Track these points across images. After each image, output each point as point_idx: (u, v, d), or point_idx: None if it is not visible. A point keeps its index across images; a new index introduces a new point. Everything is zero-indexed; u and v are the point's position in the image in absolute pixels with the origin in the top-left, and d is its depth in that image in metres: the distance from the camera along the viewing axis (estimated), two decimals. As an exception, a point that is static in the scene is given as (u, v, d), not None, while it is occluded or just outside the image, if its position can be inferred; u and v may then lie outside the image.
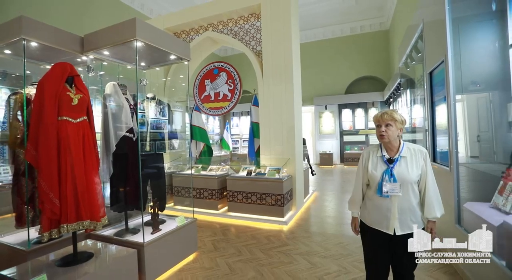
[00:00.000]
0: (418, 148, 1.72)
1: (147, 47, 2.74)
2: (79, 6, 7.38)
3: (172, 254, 2.87)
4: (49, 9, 6.49)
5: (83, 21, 7.30)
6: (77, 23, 7.13)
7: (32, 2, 6.15)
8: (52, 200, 2.00)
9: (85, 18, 7.41)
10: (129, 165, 2.78)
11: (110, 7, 8.29)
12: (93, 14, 7.67)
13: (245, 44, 5.35)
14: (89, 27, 7.03)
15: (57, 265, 2.20)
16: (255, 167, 4.69)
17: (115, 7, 8.46)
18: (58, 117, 2.09)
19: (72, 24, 6.73)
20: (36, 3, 6.22)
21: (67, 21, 6.76)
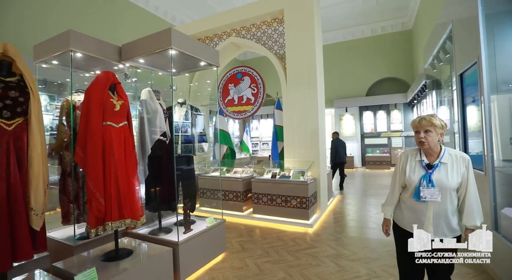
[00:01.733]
0: (461, 155, 1.68)
1: (180, 55, 2.88)
2: (107, 14, 7.79)
3: (203, 254, 2.97)
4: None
5: (110, 29, 7.70)
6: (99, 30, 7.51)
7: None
8: (98, 199, 2.15)
9: (112, 26, 7.81)
10: (163, 167, 2.92)
11: (136, 15, 8.68)
12: (120, 22, 8.07)
13: (268, 49, 5.44)
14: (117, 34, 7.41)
15: (101, 260, 2.35)
16: (279, 170, 4.74)
17: (140, 15, 8.85)
18: (103, 122, 2.24)
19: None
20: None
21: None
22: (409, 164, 1.78)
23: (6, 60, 1.77)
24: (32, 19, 6.00)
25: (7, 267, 1.63)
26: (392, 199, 1.90)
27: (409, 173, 1.75)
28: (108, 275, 2.10)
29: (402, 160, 1.85)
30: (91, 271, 2.00)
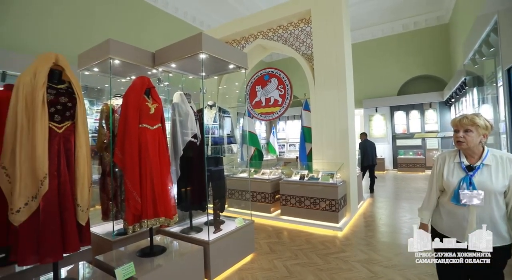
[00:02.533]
0: (508, 156, 1.55)
1: (210, 58, 2.96)
2: (140, 22, 8.22)
3: (233, 254, 3.01)
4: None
5: (143, 36, 8.10)
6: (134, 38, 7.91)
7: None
8: (135, 197, 2.27)
9: (145, 33, 8.22)
10: (194, 168, 3.02)
11: (166, 22, 9.07)
12: (151, 29, 8.47)
13: (295, 50, 5.41)
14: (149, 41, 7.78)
15: (138, 256, 2.48)
16: (307, 172, 4.68)
17: (170, 22, 9.23)
18: (139, 125, 2.37)
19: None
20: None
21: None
22: (447, 166, 1.68)
23: (58, 69, 1.93)
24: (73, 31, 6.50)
25: (59, 257, 1.78)
26: (429, 203, 1.81)
27: (447, 176, 1.65)
28: (144, 270, 2.20)
29: (439, 162, 1.75)
30: (129, 266, 2.12)
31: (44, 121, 1.76)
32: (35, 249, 1.72)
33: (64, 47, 6.06)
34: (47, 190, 1.74)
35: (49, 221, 1.76)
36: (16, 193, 1.68)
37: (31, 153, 1.71)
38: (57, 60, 1.92)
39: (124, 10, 7.85)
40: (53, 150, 1.83)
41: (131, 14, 8.03)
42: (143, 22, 8.32)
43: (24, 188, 1.70)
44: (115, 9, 7.61)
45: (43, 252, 1.73)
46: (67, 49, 5.85)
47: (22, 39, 5.79)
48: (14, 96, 1.75)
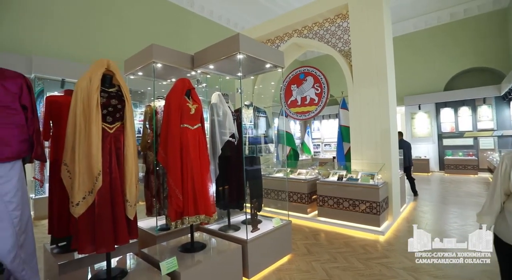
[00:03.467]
0: None
1: (247, 58, 2.98)
2: (175, 26, 8.58)
3: (270, 253, 3.00)
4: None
5: (179, 39, 8.44)
6: (173, 41, 8.26)
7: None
8: (178, 195, 2.36)
9: (182, 36, 8.57)
10: (232, 167, 3.06)
11: (203, 25, 9.37)
12: (188, 33, 8.80)
13: (331, 46, 5.24)
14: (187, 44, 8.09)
15: (179, 251, 2.57)
16: (346, 172, 4.51)
17: (206, 25, 9.52)
18: (181, 125, 2.46)
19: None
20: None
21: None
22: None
23: (109, 74, 2.08)
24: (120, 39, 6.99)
25: (111, 248, 1.91)
26: (492, 208, 1.62)
27: None
28: (186, 265, 2.28)
29: (505, 162, 1.56)
30: (173, 260, 2.21)
31: (98, 122, 1.90)
32: (92, 239, 1.87)
33: (111, 52, 6.55)
34: (101, 185, 1.88)
35: (103, 215, 1.90)
36: (75, 187, 1.84)
37: (87, 152, 1.86)
38: (109, 65, 2.07)
39: (165, 16, 8.27)
40: (106, 149, 1.96)
41: (171, 19, 8.43)
42: (181, 27, 8.69)
43: (82, 183, 1.85)
44: (156, 15, 8.04)
45: (98, 243, 1.88)
46: (114, 54, 6.31)
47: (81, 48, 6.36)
48: (74, 99, 1.92)
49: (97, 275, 2.13)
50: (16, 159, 1.65)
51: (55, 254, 2.57)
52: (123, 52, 4.96)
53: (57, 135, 2.52)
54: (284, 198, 4.88)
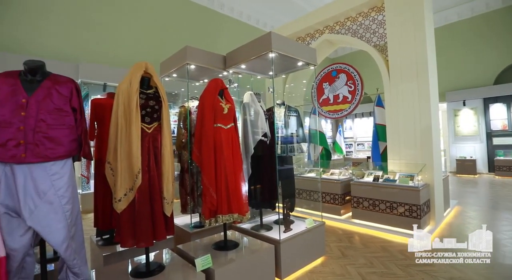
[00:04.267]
0: None
1: (279, 57, 2.94)
2: (206, 28, 8.78)
3: (303, 255, 2.94)
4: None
5: (210, 40, 8.63)
6: (204, 43, 8.46)
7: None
8: (212, 193, 2.40)
9: (215, 37, 8.76)
10: (264, 167, 3.05)
11: (232, 26, 9.50)
12: (219, 34, 8.97)
13: (365, 42, 5.02)
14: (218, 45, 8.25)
15: (213, 248, 2.62)
16: (382, 173, 4.29)
17: (236, 26, 9.64)
18: (214, 124, 2.49)
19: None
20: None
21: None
22: None
23: (147, 76, 2.17)
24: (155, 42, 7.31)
25: (150, 243, 2.00)
26: None
27: None
28: (219, 263, 2.31)
29: None
30: (207, 257, 2.25)
31: (138, 123, 1.99)
32: (132, 234, 1.97)
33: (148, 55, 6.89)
34: (140, 183, 1.97)
35: (142, 211, 1.99)
36: (118, 184, 1.95)
37: (128, 151, 1.96)
38: (147, 68, 2.16)
39: (196, 18, 8.52)
40: (144, 148, 2.05)
41: (202, 22, 8.66)
42: (212, 29, 8.89)
43: (123, 180, 1.96)
44: (188, 18, 8.31)
45: (138, 237, 1.97)
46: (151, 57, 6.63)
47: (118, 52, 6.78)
48: (115, 101, 2.03)
49: (137, 268, 2.24)
50: (68, 157, 1.79)
51: (100, 246, 2.76)
52: (158, 55, 5.20)
53: (101, 135, 2.69)
54: (316, 198, 4.77)
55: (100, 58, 6.53)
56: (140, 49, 7.20)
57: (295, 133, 3.41)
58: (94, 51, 6.51)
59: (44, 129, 1.67)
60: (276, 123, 3.14)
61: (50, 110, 1.71)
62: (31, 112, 1.64)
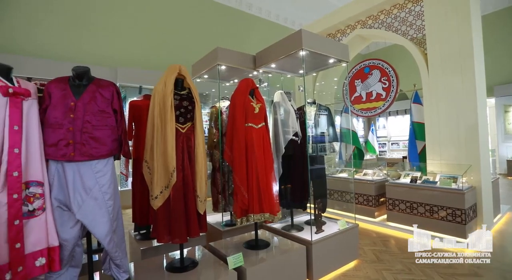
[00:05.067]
0: None
1: (310, 54, 2.89)
2: (237, 29, 8.87)
3: (335, 257, 2.86)
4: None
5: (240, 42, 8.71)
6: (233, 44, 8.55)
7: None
8: (243, 192, 2.42)
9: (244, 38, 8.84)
10: (295, 166, 3.02)
11: (261, 26, 9.52)
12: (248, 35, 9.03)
13: (401, 35, 4.75)
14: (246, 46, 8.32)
15: (244, 247, 2.64)
16: (420, 174, 4.03)
17: (265, 25, 9.65)
18: (245, 124, 2.51)
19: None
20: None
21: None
22: None
23: (181, 78, 2.24)
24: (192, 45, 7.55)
25: (184, 240, 2.06)
26: None
27: None
28: (251, 262, 2.33)
29: None
30: (239, 256, 2.27)
31: (172, 123, 2.07)
32: (168, 230, 2.05)
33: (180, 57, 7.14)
34: (175, 181, 2.04)
35: (177, 208, 2.06)
36: (154, 182, 2.04)
37: (163, 150, 2.03)
38: (180, 70, 2.23)
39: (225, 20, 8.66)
40: (179, 147, 2.12)
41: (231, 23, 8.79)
42: (241, 30, 8.99)
43: (159, 179, 2.04)
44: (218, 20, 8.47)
45: (173, 234, 2.04)
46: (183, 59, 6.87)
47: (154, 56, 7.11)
48: (152, 102, 2.13)
49: (172, 263, 2.33)
50: (110, 156, 1.90)
51: (137, 240, 2.91)
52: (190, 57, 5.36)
53: (138, 135, 2.84)
54: (348, 199, 4.61)
55: (136, 62, 6.89)
56: (171, 52, 7.48)
57: (327, 132, 3.32)
58: (131, 55, 6.89)
59: (89, 130, 1.79)
60: (307, 122, 3.08)
61: (94, 112, 1.83)
62: (79, 114, 1.77)
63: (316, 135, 3.23)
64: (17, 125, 1.56)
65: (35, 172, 1.63)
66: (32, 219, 1.60)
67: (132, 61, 6.87)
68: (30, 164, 1.61)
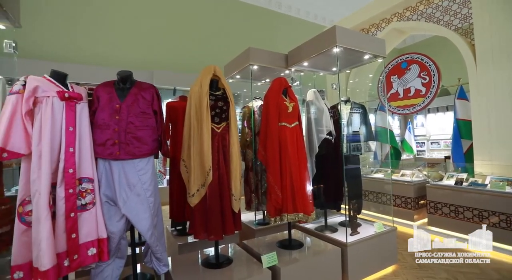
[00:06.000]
0: None
1: (344, 51, 2.80)
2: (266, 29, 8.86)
3: (372, 261, 2.75)
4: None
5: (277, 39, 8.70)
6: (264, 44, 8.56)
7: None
8: (277, 192, 2.42)
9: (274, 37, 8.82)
10: (329, 166, 2.95)
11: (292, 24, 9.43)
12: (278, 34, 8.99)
13: (443, 26, 4.43)
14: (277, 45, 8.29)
15: (277, 246, 2.64)
16: (467, 175, 3.73)
17: (295, 23, 9.55)
18: (279, 123, 2.50)
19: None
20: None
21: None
22: None
23: (215, 79, 2.30)
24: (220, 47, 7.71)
25: (220, 237, 2.12)
26: None
27: None
28: (284, 261, 2.32)
29: None
30: (273, 254, 2.28)
31: (208, 123, 2.12)
32: (204, 227, 2.11)
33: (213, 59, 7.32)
34: (211, 180, 2.09)
35: (213, 206, 2.11)
36: (191, 180, 2.11)
37: (199, 149, 2.10)
38: (215, 71, 2.28)
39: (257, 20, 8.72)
40: (214, 147, 2.17)
41: (262, 23, 8.83)
42: (271, 29, 8.99)
43: (196, 177, 2.10)
44: (249, 20, 8.54)
45: (210, 231, 2.10)
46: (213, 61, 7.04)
47: (184, 60, 7.38)
48: (188, 103, 2.20)
49: (207, 259, 2.39)
50: (151, 155, 2.01)
51: (174, 235, 3.04)
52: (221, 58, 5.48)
53: (175, 135, 2.95)
54: (384, 201, 4.41)
55: (170, 65, 7.19)
56: (204, 54, 7.70)
57: (362, 131, 3.20)
58: (165, 59, 7.21)
59: (133, 130, 1.91)
60: (341, 121, 2.99)
61: (137, 113, 1.94)
62: (123, 115, 1.89)
63: (351, 134, 3.12)
64: (71, 126, 1.70)
65: (86, 169, 1.77)
66: (85, 213, 1.74)
67: (166, 64, 7.18)
68: (82, 162, 1.75)
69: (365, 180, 4.78)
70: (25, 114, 1.56)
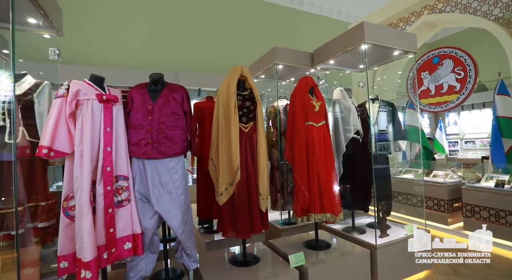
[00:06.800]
0: None
1: (372, 47, 2.72)
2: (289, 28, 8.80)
3: (403, 265, 2.65)
4: None
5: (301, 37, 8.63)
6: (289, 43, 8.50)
7: None
8: (304, 192, 2.40)
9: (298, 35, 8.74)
10: (357, 166, 2.88)
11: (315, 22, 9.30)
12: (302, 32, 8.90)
13: (481, 16, 4.16)
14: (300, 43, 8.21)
15: (303, 246, 2.62)
16: (509, 177, 3.47)
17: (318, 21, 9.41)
18: (306, 122, 2.48)
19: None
20: None
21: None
22: None
23: (243, 79, 2.32)
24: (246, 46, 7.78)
25: (247, 236, 2.14)
26: None
27: None
28: (311, 262, 2.30)
29: None
30: (300, 254, 2.27)
31: (236, 123, 2.15)
32: (232, 226, 2.14)
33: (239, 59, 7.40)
34: (239, 179, 2.12)
35: (241, 205, 2.14)
36: (219, 179, 2.15)
37: (228, 149, 2.13)
38: (242, 71, 2.30)
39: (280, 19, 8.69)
40: (242, 146, 2.20)
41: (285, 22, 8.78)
42: (295, 27, 8.92)
43: (224, 176, 2.14)
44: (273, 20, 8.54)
45: (238, 229, 2.13)
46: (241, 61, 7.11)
47: (208, 61, 7.52)
48: (216, 103, 2.24)
49: (234, 257, 2.43)
50: (181, 154, 2.07)
51: (201, 233, 3.11)
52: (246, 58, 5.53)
53: (202, 135, 3.03)
54: (415, 203, 4.22)
55: (194, 66, 7.36)
56: (228, 55, 7.79)
57: (391, 129, 3.09)
58: (190, 60, 7.39)
59: (164, 130, 1.98)
60: (370, 120, 2.91)
61: (168, 114, 2.01)
62: (155, 116, 1.97)
63: (379, 133, 3.02)
64: (109, 127, 1.80)
65: (122, 168, 1.87)
66: (121, 209, 1.83)
67: (192, 66, 7.35)
68: (118, 161, 1.85)
69: (394, 181, 4.60)
70: (69, 116, 1.68)
